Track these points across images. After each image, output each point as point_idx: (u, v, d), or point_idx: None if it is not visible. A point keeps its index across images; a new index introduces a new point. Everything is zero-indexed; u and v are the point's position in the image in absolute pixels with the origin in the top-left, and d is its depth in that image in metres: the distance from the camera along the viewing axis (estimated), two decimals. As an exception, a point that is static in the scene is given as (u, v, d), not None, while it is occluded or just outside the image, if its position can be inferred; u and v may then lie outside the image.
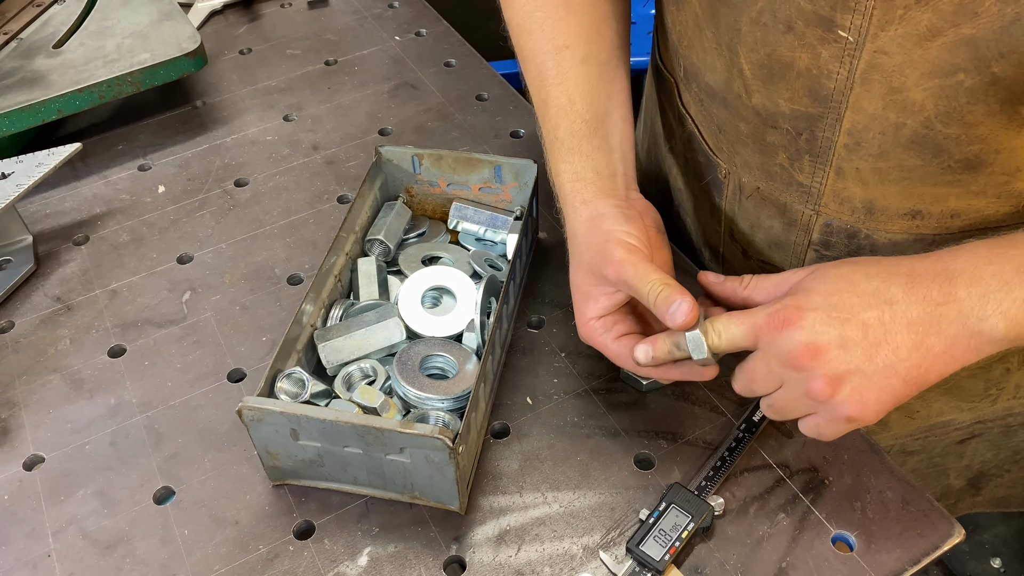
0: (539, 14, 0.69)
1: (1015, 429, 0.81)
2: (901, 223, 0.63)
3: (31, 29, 1.04)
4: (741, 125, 0.66)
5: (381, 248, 0.79)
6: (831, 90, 0.58)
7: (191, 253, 0.86)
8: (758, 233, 0.73)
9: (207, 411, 0.72)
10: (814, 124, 0.60)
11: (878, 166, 0.60)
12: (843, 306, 0.53)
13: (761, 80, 0.61)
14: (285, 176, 0.94)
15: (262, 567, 0.62)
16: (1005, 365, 0.74)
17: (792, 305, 0.54)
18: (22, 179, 0.84)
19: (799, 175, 0.65)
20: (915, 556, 0.60)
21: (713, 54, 0.64)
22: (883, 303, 0.53)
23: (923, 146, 0.57)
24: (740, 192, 0.71)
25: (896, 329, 0.53)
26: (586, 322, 0.64)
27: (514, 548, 0.62)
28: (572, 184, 0.66)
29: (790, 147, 0.63)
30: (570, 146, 0.67)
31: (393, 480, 0.63)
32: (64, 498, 0.67)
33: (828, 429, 0.56)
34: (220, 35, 1.15)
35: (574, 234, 0.65)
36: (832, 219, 0.66)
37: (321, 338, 0.70)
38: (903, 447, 0.82)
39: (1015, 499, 0.91)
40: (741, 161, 0.69)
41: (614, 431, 0.69)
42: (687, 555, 0.61)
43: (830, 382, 0.53)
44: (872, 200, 0.63)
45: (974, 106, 0.54)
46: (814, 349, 0.53)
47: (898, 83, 0.55)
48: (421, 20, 1.16)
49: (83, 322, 0.80)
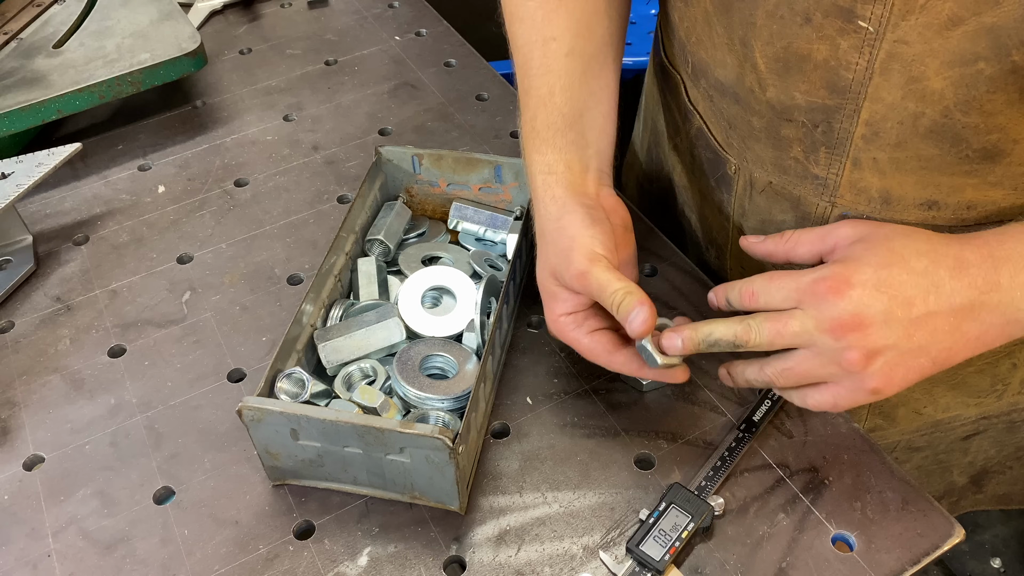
0: (531, 3, 0.69)
1: (1019, 425, 0.81)
2: (917, 213, 0.63)
3: (31, 29, 1.04)
4: (754, 120, 0.66)
5: (381, 248, 0.79)
6: (850, 81, 0.58)
7: (191, 253, 0.86)
8: (769, 228, 0.72)
9: (207, 411, 0.72)
10: (831, 116, 0.60)
11: (896, 156, 0.60)
12: (892, 282, 0.54)
13: (776, 74, 0.61)
14: (285, 176, 0.94)
15: (262, 567, 0.62)
16: (1012, 360, 0.74)
17: (842, 274, 0.54)
18: (22, 179, 0.84)
19: (814, 167, 0.64)
20: (915, 556, 0.60)
21: (723, 50, 0.64)
22: (930, 285, 0.54)
23: (941, 135, 0.57)
24: (751, 187, 0.71)
25: (939, 313, 0.53)
26: (556, 318, 0.64)
27: (514, 548, 0.62)
28: (544, 177, 0.66)
29: (805, 140, 0.63)
30: (545, 138, 0.67)
31: (393, 480, 0.63)
32: (64, 498, 0.67)
33: (846, 399, 0.56)
34: (220, 35, 1.15)
35: (542, 232, 0.65)
36: (848, 210, 0.65)
37: (321, 338, 0.70)
38: (909, 443, 0.82)
39: (1016, 496, 0.91)
40: (753, 156, 0.69)
41: (614, 431, 0.69)
42: (687, 555, 0.61)
43: (866, 355, 0.53)
44: (888, 190, 0.62)
45: (993, 95, 0.54)
46: (859, 321, 0.53)
47: (918, 72, 0.55)
48: (421, 20, 1.16)
49: (83, 322, 0.80)
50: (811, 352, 0.55)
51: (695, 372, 0.71)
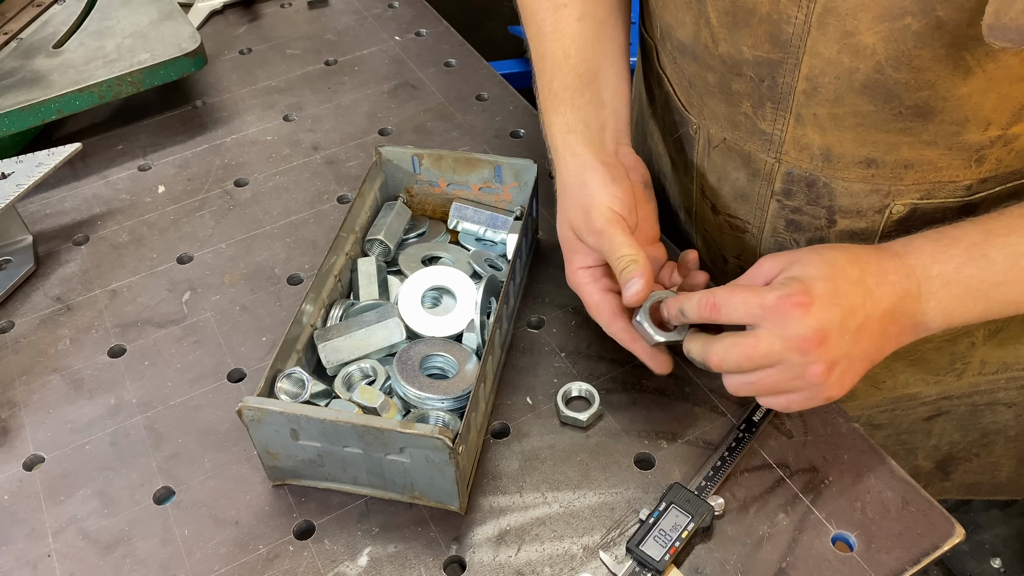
0: None
1: (981, 408, 0.82)
2: (857, 171, 0.65)
3: (31, 29, 1.04)
4: (709, 76, 0.68)
5: (381, 248, 0.79)
6: (790, 35, 0.59)
7: (191, 253, 0.86)
8: (724, 186, 0.74)
9: (207, 411, 0.72)
10: (775, 70, 0.62)
11: (834, 112, 0.62)
12: (840, 292, 0.56)
13: (727, 28, 0.63)
14: (285, 176, 0.94)
15: (262, 567, 0.62)
16: (970, 339, 0.76)
17: (803, 290, 0.56)
18: (22, 179, 0.84)
19: (761, 123, 0.66)
20: (915, 556, 0.60)
21: (683, 9, 0.66)
22: (865, 293, 0.57)
23: (875, 91, 0.59)
24: (709, 145, 0.73)
25: (874, 317, 0.57)
26: (574, 271, 0.68)
27: (514, 548, 0.62)
28: (563, 136, 0.69)
29: (753, 95, 0.65)
30: (563, 98, 0.70)
31: (393, 480, 0.63)
32: (64, 498, 0.67)
33: (801, 406, 0.60)
34: (220, 35, 1.15)
35: (562, 188, 0.68)
36: (793, 167, 0.67)
37: (321, 338, 0.70)
38: (870, 419, 0.83)
39: (984, 486, 0.92)
40: (709, 113, 0.71)
41: (614, 431, 0.69)
42: (687, 555, 0.61)
43: (827, 367, 0.56)
44: (829, 147, 0.64)
45: (921, 50, 0.55)
46: (822, 336, 0.55)
47: (851, 27, 0.57)
48: (421, 20, 1.16)
49: (83, 322, 0.80)
50: (777, 369, 0.57)
51: (695, 372, 0.72)
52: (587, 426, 0.69)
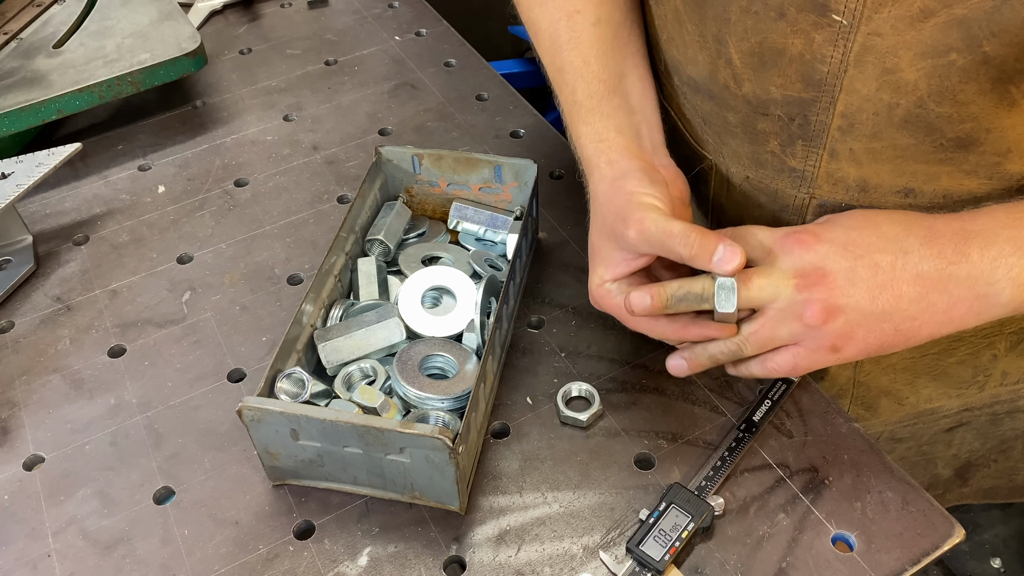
0: None
1: (1001, 417, 0.82)
2: (894, 199, 0.63)
3: (31, 29, 1.04)
4: (729, 115, 0.66)
5: (381, 248, 0.79)
6: (825, 74, 0.58)
7: (191, 253, 0.86)
8: (747, 221, 0.72)
9: (207, 411, 0.72)
10: (807, 109, 0.61)
11: (872, 146, 0.60)
12: (861, 243, 0.55)
13: (752, 68, 0.61)
14: (285, 176, 0.94)
15: (262, 567, 0.62)
16: (992, 352, 0.75)
17: (813, 231, 0.56)
18: (22, 179, 0.84)
19: (791, 160, 0.65)
20: (915, 556, 0.60)
21: (695, 47, 0.64)
22: (898, 250, 0.55)
23: (916, 125, 0.58)
24: (728, 183, 0.72)
25: (904, 278, 0.54)
26: (600, 284, 0.63)
27: (514, 548, 0.62)
28: (595, 145, 0.65)
29: (782, 133, 0.63)
30: (589, 107, 0.66)
31: (393, 480, 0.63)
32: (64, 498, 0.67)
33: (806, 360, 0.58)
34: (220, 35, 1.15)
35: (595, 196, 0.64)
36: (826, 199, 0.66)
37: (321, 338, 0.70)
38: (892, 434, 0.83)
39: (1001, 490, 0.91)
40: (729, 151, 0.69)
41: (614, 431, 0.69)
42: (687, 555, 0.61)
43: (826, 309, 0.55)
44: (865, 179, 0.63)
45: (966, 85, 0.54)
46: (822, 274, 0.55)
47: (891, 64, 0.55)
48: (421, 20, 1.16)
49: (83, 322, 0.80)
50: (774, 310, 0.56)
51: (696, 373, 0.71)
52: (587, 426, 0.69)
